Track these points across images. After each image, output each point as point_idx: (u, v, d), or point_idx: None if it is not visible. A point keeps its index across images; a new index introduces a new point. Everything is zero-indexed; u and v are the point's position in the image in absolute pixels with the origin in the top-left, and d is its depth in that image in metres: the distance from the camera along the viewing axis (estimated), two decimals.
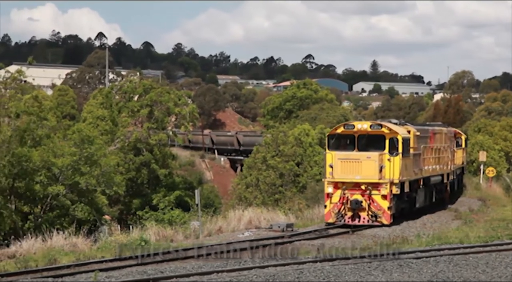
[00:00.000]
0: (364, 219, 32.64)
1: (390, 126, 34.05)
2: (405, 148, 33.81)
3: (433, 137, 40.44)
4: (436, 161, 40.43)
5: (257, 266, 22.67)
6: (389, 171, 32.95)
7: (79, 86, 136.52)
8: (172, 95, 68.59)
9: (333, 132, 34.59)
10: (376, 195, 32.72)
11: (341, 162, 33.04)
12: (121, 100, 70.23)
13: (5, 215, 36.65)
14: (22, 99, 43.80)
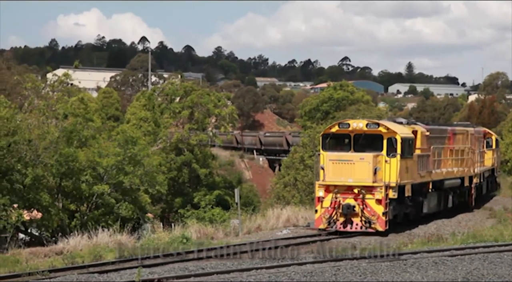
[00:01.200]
0: (357, 225, 29.51)
1: (388, 125, 30.77)
2: (405, 149, 30.55)
3: (453, 138, 37.42)
4: (456, 162, 37.37)
5: (296, 263, 22.66)
6: (386, 174, 29.88)
7: (123, 88, 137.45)
8: (212, 97, 68.83)
9: (327, 132, 31.30)
10: (370, 199, 29.54)
11: (333, 164, 29.94)
12: (163, 102, 70.59)
13: (53, 213, 37.00)
14: (68, 102, 44.23)
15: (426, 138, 33.34)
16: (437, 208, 35.10)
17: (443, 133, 36.44)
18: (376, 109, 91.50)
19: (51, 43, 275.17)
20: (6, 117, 36.71)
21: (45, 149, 37.89)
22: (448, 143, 36.63)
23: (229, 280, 20.14)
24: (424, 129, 33.53)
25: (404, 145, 30.49)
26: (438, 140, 35.25)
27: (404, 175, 30.57)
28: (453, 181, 36.71)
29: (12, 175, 36.09)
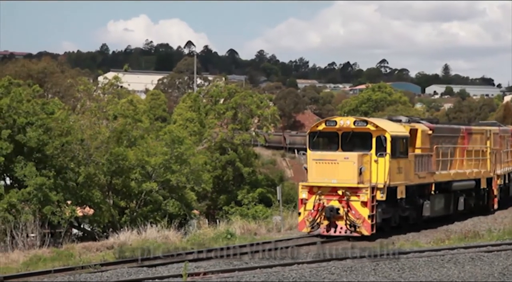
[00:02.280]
0: (341, 229, 26.87)
1: (376, 123, 28.04)
2: (396, 148, 27.85)
3: (468, 137, 34.46)
4: (471, 163, 34.38)
5: (335, 258, 22.60)
6: (374, 174, 27.29)
7: (170, 90, 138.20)
8: (255, 99, 68.82)
9: (314, 130, 28.64)
10: (355, 202, 26.86)
11: (316, 163, 27.38)
12: (208, 104, 70.78)
13: (104, 209, 37.33)
14: (118, 103, 44.55)
15: (428, 138, 30.64)
16: (444, 211, 32.21)
17: (454, 133, 33.73)
18: (413, 110, 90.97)
19: (102, 48, 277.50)
20: (60, 118, 37.11)
21: (96, 149, 38.25)
22: (461, 142, 33.97)
23: (272, 274, 20.13)
24: (426, 128, 30.71)
25: (395, 143, 27.85)
26: (447, 140, 32.63)
27: (396, 175, 27.90)
28: (465, 183, 33.55)
29: (66, 173, 36.48)
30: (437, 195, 31.42)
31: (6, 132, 34.49)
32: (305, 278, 19.48)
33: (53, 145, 35.58)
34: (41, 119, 35.86)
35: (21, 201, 33.50)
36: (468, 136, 34.65)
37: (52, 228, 34.19)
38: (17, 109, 35.51)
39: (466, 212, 33.94)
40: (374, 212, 27.00)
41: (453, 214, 32.86)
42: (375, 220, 27.03)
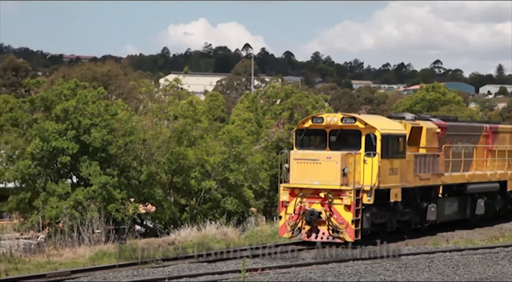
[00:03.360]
0: (323, 235, 24.33)
1: (365, 120, 25.32)
2: (388, 147, 25.12)
3: (493, 137, 31.64)
4: (496, 164, 31.59)
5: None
6: (361, 175, 24.57)
7: (228, 92, 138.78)
8: (310, 99, 68.56)
9: (300, 127, 26.18)
10: (338, 205, 24.26)
11: (297, 163, 24.79)
12: (265, 104, 70.84)
13: (165, 206, 37.63)
14: (179, 104, 44.88)
15: (436, 136, 27.95)
16: (458, 215, 29.52)
17: (475, 132, 30.91)
18: (467, 110, 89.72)
19: (163, 51, 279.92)
20: (123, 119, 37.51)
21: (158, 148, 38.58)
22: (483, 142, 31.20)
23: (328, 270, 20.07)
24: (434, 126, 27.99)
25: (387, 142, 25.11)
26: (464, 139, 30.01)
27: (388, 177, 25.15)
28: (485, 185, 30.65)
29: (129, 172, 36.87)
30: (447, 198, 29.09)
31: (71, 133, 35.01)
32: (361, 275, 19.38)
33: (117, 145, 35.99)
34: (105, 120, 36.31)
35: (87, 199, 33.98)
36: (493, 136, 31.82)
37: (116, 224, 34.60)
38: (83, 111, 36.01)
39: (489, 216, 31.34)
40: (359, 216, 24.25)
41: (470, 218, 30.31)
42: (360, 225, 24.30)
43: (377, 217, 25.30)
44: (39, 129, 34.76)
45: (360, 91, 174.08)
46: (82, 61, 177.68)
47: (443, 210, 28.57)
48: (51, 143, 34.43)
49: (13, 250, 26.18)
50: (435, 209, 27.71)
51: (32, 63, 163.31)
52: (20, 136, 36.00)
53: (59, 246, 26.75)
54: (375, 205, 24.85)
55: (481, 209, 30.51)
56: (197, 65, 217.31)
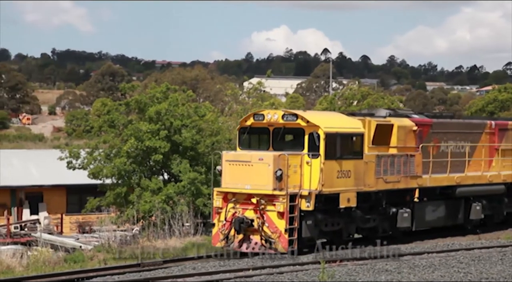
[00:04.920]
0: (256, 245, 20.90)
1: (307, 117, 21.60)
2: (336, 147, 21.43)
3: (499, 134, 27.41)
4: (505, 164, 27.53)
5: (464, 248, 22.04)
6: (301, 178, 21.06)
7: (308, 94, 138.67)
8: (386, 101, 67.95)
9: (243, 125, 22.58)
10: (271, 212, 20.77)
11: (229, 165, 21.42)
12: (343, 106, 70.55)
13: None
14: (262, 106, 45.01)
15: (413, 135, 24.05)
16: (445, 220, 25.54)
17: (473, 129, 26.69)
18: None
19: (247, 56, 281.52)
20: (210, 120, 37.85)
21: None
22: (487, 140, 27.06)
23: (403, 262, 19.83)
24: (410, 123, 24.07)
25: (334, 142, 21.45)
26: (457, 137, 25.94)
27: (336, 180, 21.52)
28: (483, 188, 26.56)
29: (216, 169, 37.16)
30: (428, 202, 24.89)
31: (163, 132, 35.53)
32: (435, 267, 19.10)
33: (205, 144, 36.34)
34: (194, 121, 36.74)
35: (177, 194, 34.41)
36: (500, 133, 27.54)
37: (204, 218, 34.95)
38: (174, 113, 36.50)
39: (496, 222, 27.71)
40: (296, 224, 20.76)
41: (464, 224, 26.32)
42: (296, 234, 20.76)
43: (327, 224, 21.72)
44: (134, 130, 35.40)
45: (434, 92, 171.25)
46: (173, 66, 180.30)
47: (423, 215, 24.56)
48: (145, 142, 35.02)
49: (111, 241, 26.82)
50: (408, 214, 23.81)
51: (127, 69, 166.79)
52: (116, 136, 36.74)
53: (152, 237, 27.22)
54: (322, 211, 21.38)
55: (477, 214, 26.38)
56: (278, 69, 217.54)
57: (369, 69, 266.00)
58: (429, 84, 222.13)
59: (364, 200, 22.61)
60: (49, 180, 50.20)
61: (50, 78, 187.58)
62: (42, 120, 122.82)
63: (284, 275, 18.21)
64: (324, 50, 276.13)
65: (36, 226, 45.40)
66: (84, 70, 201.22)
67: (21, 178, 50.42)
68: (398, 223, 23.64)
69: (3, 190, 49.63)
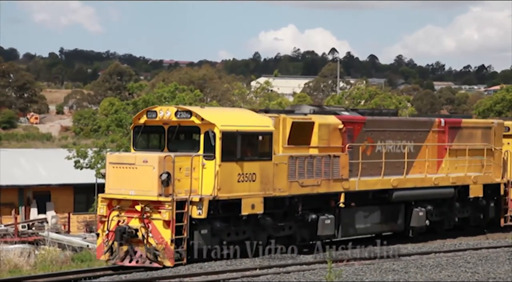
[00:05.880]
0: (140, 257, 18.81)
1: (202, 114, 19.40)
2: (236, 147, 19.30)
3: (452, 132, 25.00)
4: (457, 166, 25.01)
5: (471, 248, 22.00)
6: (196, 183, 19.00)
7: (315, 93, 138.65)
8: (393, 100, 67.95)
9: (136, 123, 20.39)
10: (157, 221, 18.65)
11: (113, 168, 19.19)
12: (350, 105, 70.54)
13: None
14: (269, 105, 45.06)
15: (339, 133, 21.80)
16: (381, 227, 23.38)
17: (417, 127, 24.31)
18: None
19: (255, 56, 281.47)
20: None
21: None
22: (434, 139, 24.67)
23: (410, 262, 19.80)
24: (335, 121, 21.81)
25: (233, 141, 19.29)
26: (398, 136, 23.59)
27: (237, 184, 19.34)
28: (427, 192, 24.07)
29: None
30: (359, 208, 22.60)
31: None
32: (442, 266, 19.05)
33: None
34: None
35: None
36: (452, 132, 25.17)
37: None
38: None
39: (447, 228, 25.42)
40: (185, 234, 18.70)
41: (405, 231, 24.20)
42: (185, 245, 18.74)
43: (230, 233, 19.66)
44: None
45: (442, 92, 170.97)
46: (180, 66, 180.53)
47: (351, 222, 22.38)
48: None
49: None
50: (331, 221, 21.60)
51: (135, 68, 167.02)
52: (124, 136, 36.87)
53: None
54: (222, 219, 19.43)
55: (420, 220, 23.99)
56: (286, 69, 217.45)
57: (377, 69, 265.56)
58: (437, 84, 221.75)
59: (277, 206, 20.55)
60: (56, 179, 50.39)
61: (58, 77, 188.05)
62: (50, 120, 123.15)
63: (291, 274, 18.18)
64: (331, 50, 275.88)
65: (44, 225, 45.57)
66: (91, 70, 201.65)
67: (28, 177, 50.63)
68: (319, 230, 21.44)
69: (11, 189, 49.84)
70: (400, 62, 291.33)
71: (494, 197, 26.49)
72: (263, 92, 49.84)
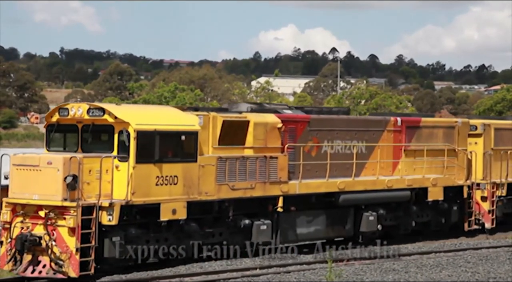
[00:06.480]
0: (44, 268, 17.14)
1: (116, 112, 17.88)
2: (154, 148, 17.76)
3: (410, 132, 23.59)
4: (415, 167, 23.56)
5: (472, 248, 22.00)
6: (103, 186, 17.29)
7: (315, 93, 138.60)
8: (394, 100, 68.05)
9: (49, 121, 18.80)
10: (62, 228, 17.07)
11: (17, 170, 17.67)
12: (351, 105, 70.58)
13: None
14: None
15: (278, 133, 20.31)
16: (327, 233, 21.79)
17: (370, 127, 22.81)
18: None
19: (255, 55, 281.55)
20: None
21: None
22: (390, 139, 23.14)
23: (410, 261, 19.78)
24: (274, 119, 20.34)
25: (150, 141, 17.79)
26: (347, 135, 22.14)
27: (155, 188, 17.79)
28: (377, 195, 22.46)
29: None
30: (299, 213, 20.98)
31: None
32: (442, 266, 19.05)
33: None
34: None
35: None
36: (409, 131, 23.68)
37: None
38: None
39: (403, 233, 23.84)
40: (93, 242, 17.10)
41: (354, 236, 22.53)
42: (93, 254, 17.12)
43: (149, 240, 18.21)
44: None
45: (442, 91, 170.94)
46: (181, 65, 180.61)
47: (292, 227, 20.85)
48: None
49: None
50: (268, 227, 20.15)
51: (135, 68, 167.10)
52: None
53: None
54: (139, 225, 17.98)
55: (370, 225, 22.43)
56: (286, 68, 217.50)
57: (377, 69, 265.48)
58: (437, 83, 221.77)
59: (205, 211, 19.13)
60: None
61: (58, 77, 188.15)
62: None
63: (291, 274, 18.18)
64: (332, 50, 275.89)
65: None
66: (92, 69, 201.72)
67: None
68: (253, 237, 19.93)
69: None
70: (400, 62, 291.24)
71: (458, 200, 24.88)
72: (264, 92, 49.85)
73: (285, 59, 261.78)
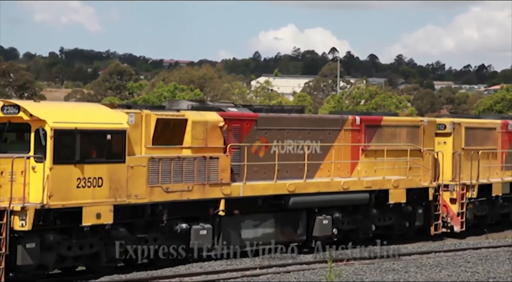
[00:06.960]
0: None
1: (31, 110, 16.71)
2: (74, 147, 16.58)
3: (369, 131, 22.51)
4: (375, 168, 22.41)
5: (471, 247, 22.01)
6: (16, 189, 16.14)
7: (315, 93, 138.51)
8: (394, 100, 68.04)
9: None
10: None
11: None
12: (350, 105, 70.57)
13: None
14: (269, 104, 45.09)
15: (220, 132, 19.20)
16: (276, 237, 20.58)
17: (325, 126, 21.71)
18: None
19: (255, 55, 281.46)
20: None
21: None
22: (348, 139, 22.09)
23: (410, 261, 19.80)
24: (215, 118, 19.26)
25: (70, 141, 16.60)
26: (300, 135, 21.04)
27: (76, 191, 16.59)
28: (332, 197, 21.28)
29: None
30: (244, 216, 19.89)
31: None
32: (442, 266, 19.06)
33: None
34: None
35: None
36: (369, 131, 22.61)
37: None
38: None
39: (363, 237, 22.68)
40: (3, 249, 15.88)
41: (307, 240, 21.43)
42: (3, 263, 15.86)
43: (71, 247, 17.02)
44: None
45: (442, 91, 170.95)
46: (181, 65, 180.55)
47: (235, 232, 19.77)
48: None
49: None
50: (208, 231, 19.06)
51: (135, 67, 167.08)
52: None
53: None
54: (59, 231, 16.80)
55: (324, 229, 21.30)
56: (286, 68, 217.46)
57: (377, 68, 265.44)
58: (437, 83, 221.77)
59: (135, 215, 18.05)
60: None
61: (58, 77, 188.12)
62: None
63: (291, 274, 18.20)
64: (331, 49, 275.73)
65: None
66: (92, 69, 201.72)
67: None
68: (192, 242, 18.86)
69: None
70: (400, 61, 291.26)
71: (423, 203, 23.79)
72: (263, 92, 49.85)
73: (285, 59, 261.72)
